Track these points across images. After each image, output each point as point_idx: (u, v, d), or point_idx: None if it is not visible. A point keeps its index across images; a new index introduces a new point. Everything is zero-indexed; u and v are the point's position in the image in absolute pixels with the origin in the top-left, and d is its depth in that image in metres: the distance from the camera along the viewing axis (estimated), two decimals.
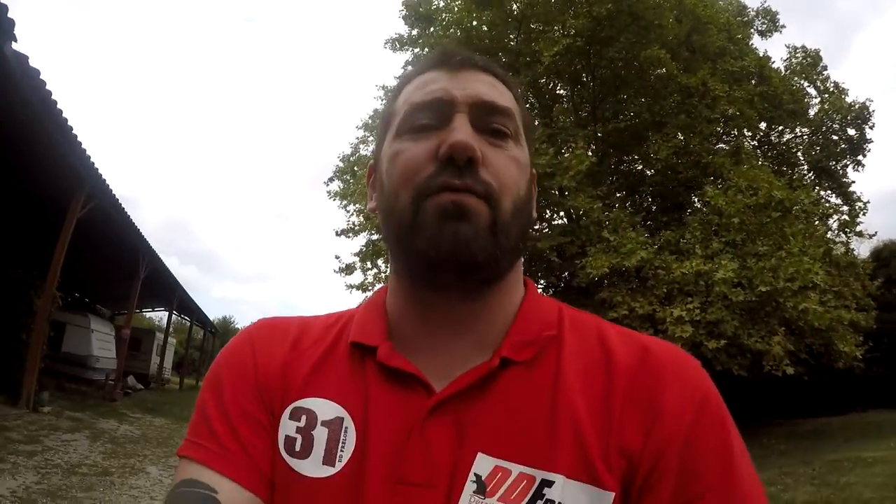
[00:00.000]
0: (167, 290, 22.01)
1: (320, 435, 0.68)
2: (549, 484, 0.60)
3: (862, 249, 20.81)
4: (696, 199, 13.48)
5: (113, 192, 11.51)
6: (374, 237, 15.92)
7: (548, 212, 15.84)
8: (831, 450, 12.92)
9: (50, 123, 8.24)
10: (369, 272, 16.64)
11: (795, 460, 11.07)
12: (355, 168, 17.30)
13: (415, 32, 17.66)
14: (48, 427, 9.51)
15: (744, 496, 0.60)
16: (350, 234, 16.77)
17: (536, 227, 15.45)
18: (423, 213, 0.66)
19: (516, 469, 0.61)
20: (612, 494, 0.59)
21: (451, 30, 16.34)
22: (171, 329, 28.59)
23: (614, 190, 15.58)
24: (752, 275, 11.32)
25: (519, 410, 0.65)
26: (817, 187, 17.34)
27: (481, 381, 0.66)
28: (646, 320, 11.54)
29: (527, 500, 0.60)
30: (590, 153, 14.66)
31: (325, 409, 0.69)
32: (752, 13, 18.72)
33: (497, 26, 15.75)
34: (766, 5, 18.79)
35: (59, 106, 8.06)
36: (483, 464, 0.62)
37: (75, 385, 16.20)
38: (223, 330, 58.73)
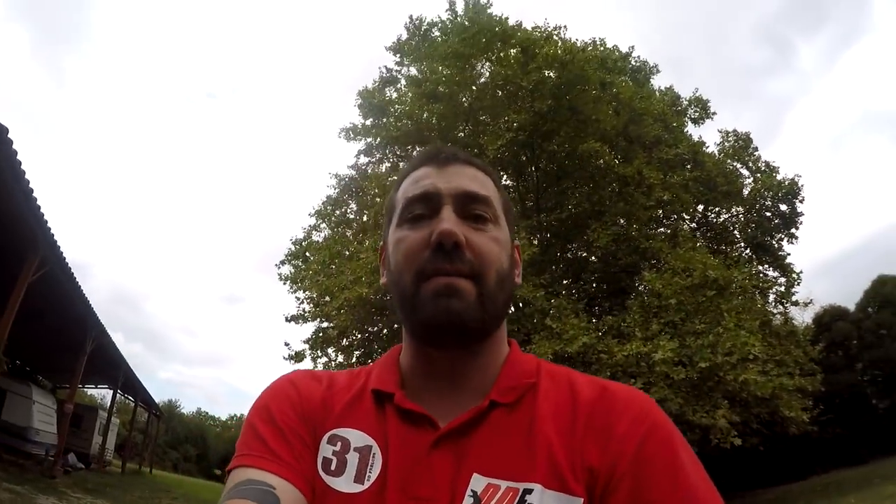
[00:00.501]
0: (112, 367, 21.13)
1: (353, 458, 0.82)
2: (530, 492, 0.74)
3: (805, 316, 21.77)
4: (636, 283, 14.02)
5: (66, 260, 11.35)
6: (325, 325, 15.85)
7: None
8: None
9: (13, 183, 8.19)
10: (319, 360, 16.44)
11: None
12: (307, 253, 17.35)
13: (368, 122, 18.34)
14: None
15: (697, 501, 0.72)
16: (300, 321, 16.52)
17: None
18: (422, 293, 0.82)
19: (504, 484, 0.76)
20: (581, 500, 0.73)
21: (403, 121, 17.01)
22: (114, 408, 27.43)
23: (559, 277, 16.06)
24: (691, 352, 11.77)
25: (504, 440, 0.80)
26: (755, 262, 18.10)
27: (474, 420, 0.81)
28: None
29: None
30: (535, 242, 15.30)
31: (357, 437, 0.84)
32: (686, 102, 19.80)
33: (447, 118, 16.40)
34: (698, 94, 19.92)
35: (23, 167, 8.06)
36: (478, 482, 0.76)
37: (13, 457, 15.51)
38: (168, 414, 56.25)
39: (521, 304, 13.72)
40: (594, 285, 17.27)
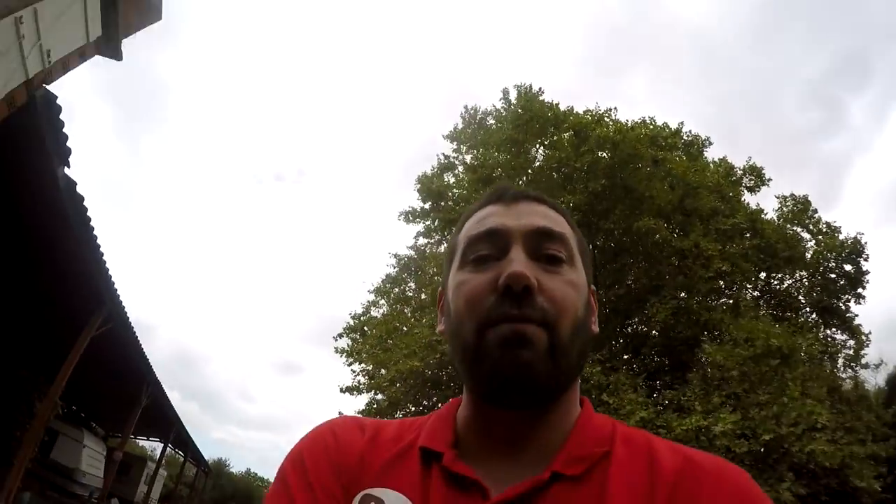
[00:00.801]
0: (165, 422, 21.66)
1: None
2: None
3: (878, 379, 21.15)
4: (697, 356, 14.01)
5: (129, 320, 11.90)
6: (378, 397, 16.09)
7: None
8: None
9: (84, 245, 8.78)
10: None
11: None
12: (365, 328, 17.74)
13: (427, 206, 19.18)
14: None
15: None
16: (354, 392, 16.67)
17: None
18: (486, 343, 0.72)
19: None
20: None
21: (461, 204, 17.58)
22: (163, 460, 27.76)
23: (618, 353, 16.14)
24: (755, 424, 11.69)
25: None
26: (822, 326, 17.85)
27: (532, 493, 0.69)
28: None
29: None
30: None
31: (395, 500, 0.73)
32: (740, 171, 19.80)
33: None
34: (752, 162, 19.94)
35: (94, 232, 8.69)
36: None
37: (58, 495, 16.16)
38: (217, 471, 56.31)
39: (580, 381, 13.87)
40: (655, 360, 17.22)
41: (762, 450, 11.86)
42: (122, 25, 8.45)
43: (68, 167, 7.23)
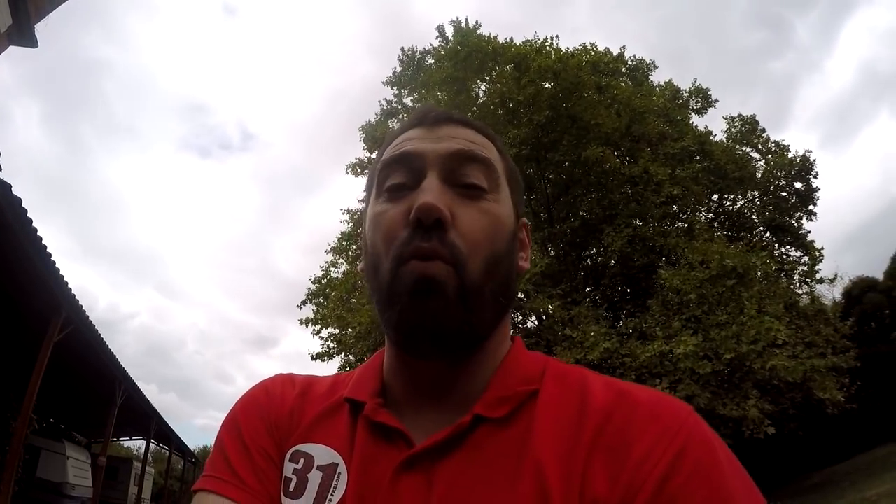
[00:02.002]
0: (144, 418, 21.23)
1: (314, 478, 0.71)
2: None
3: (835, 293, 21.55)
4: (655, 282, 14.09)
5: (89, 318, 11.49)
6: (350, 358, 15.92)
7: (519, 316, 16.38)
8: (836, 497, 13.19)
9: (30, 249, 8.39)
10: None
11: None
12: (327, 290, 17.51)
13: (373, 155, 18.41)
14: None
15: None
16: (325, 358, 16.56)
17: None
18: (398, 282, 0.67)
19: None
20: None
21: None
22: (149, 458, 27.41)
23: (578, 286, 16.07)
24: (716, 345, 11.74)
25: (486, 466, 0.65)
26: (776, 244, 18.07)
27: (454, 439, 0.67)
28: None
29: None
30: (551, 253, 15.46)
31: (323, 454, 0.73)
32: (686, 94, 19.85)
33: None
34: (697, 84, 19.99)
35: (38, 233, 8.30)
36: None
37: None
38: (204, 459, 55.89)
39: (543, 317, 13.81)
40: (615, 290, 17.28)
41: (726, 370, 11.92)
42: (32, 10, 7.82)
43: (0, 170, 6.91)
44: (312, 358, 16.73)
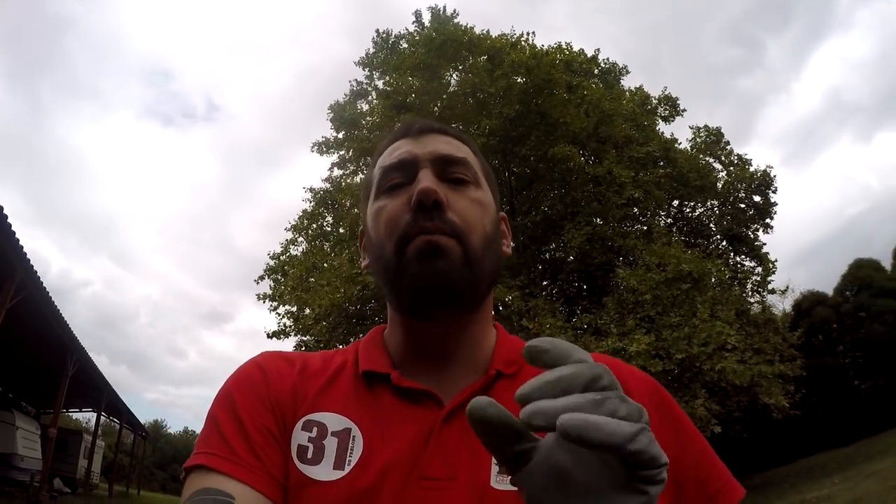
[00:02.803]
0: (95, 390, 20.83)
1: (331, 444, 0.76)
2: None
3: (786, 304, 22.11)
4: (612, 281, 14.24)
5: (43, 284, 11.26)
6: (306, 338, 15.76)
7: None
8: (777, 497, 13.53)
9: None
10: None
11: None
12: (286, 267, 17.38)
13: (341, 135, 18.65)
14: None
15: (696, 445, 0.80)
16: (281, 336, 16.45)
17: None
18: (405, 258, 0.77)
19: None
20: None
21: (375, 132, 17.21)
22: (99, 431, 26.74)
23: (536, 279, 16.21)
24: (668, 345, 12.00)
25: (516, 407, 0.64)
26: (732, 253, 18.41)
27: (481, 391, 0.77)
28: None
29: None
30: (512, 244, 15.49)
31: (334, 421, 0.78)
32: (655, 101, 20.01)
33: None
34: (667, 92, 20.14)
35: None
36: None
37: None
38: (154, 434, 55.49)
39: (499, 307, 13.88)
40: (573, 285, 17.43)
41: (676, 369, 12.16)
42: None
43: None
44: (268, 336, 16.49)
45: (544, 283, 16.96)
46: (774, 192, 18.68)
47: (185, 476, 0.75)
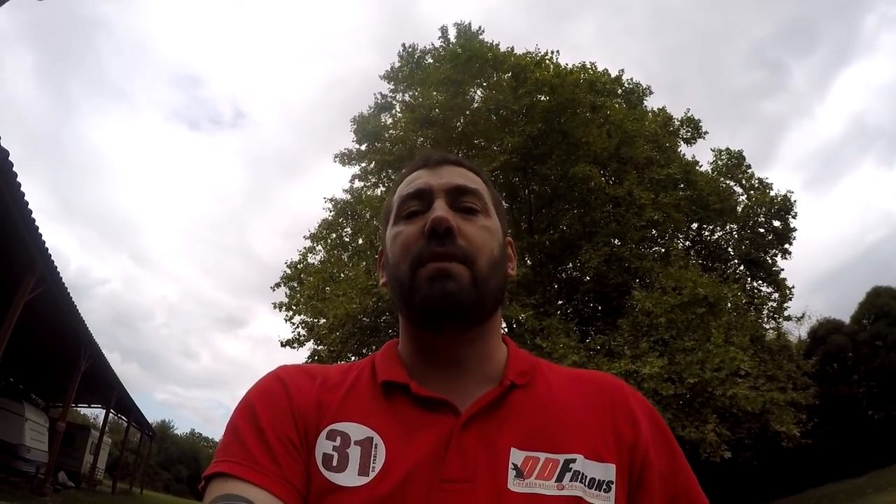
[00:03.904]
0: (106, 387, 21.11)
1: (354, 452, 0.81)
2: (573, 461, 0.80)
3: (801, 331, 21.97)
4: (627, 303, 14.11)
5: (62, 279, 11.42)
6: (319, 347, 15.79)
7: None
8: None
9: (10, 203, 8.32)
10: None
11: None
12: (302, 276, 17.43)
13: (363, 147, 18.79)
14: None
15: (684, 470, 0.89)
16: (295, 345, 16.54)
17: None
18: (417, 279, 0.85)
19: (542, 456, 0.80)
20: (614, 466, 0.82)
21: (398, 145, 17.40)
22: (107, 428, 27.14)
23: (551, 298, 16.23)
24: (680, 369, 11.95)
25: (532, 416, 0.85)
26: (749, 278, 18.26)
27: (496, 400, 0.85)
28: None
29: (557, 474, 0.79)
30: (528, 263, 15.58)
31: (357, 431, 0.83)
32: (678, 123, 20.00)
33: (440, 143, 16.66)
34: (689, 114, 20.12)
35: (21, 188, 8.22)
36: (516, 456, 0.80)
37: (3, 474, 15.65)
38: (161, 434, 56.00)
39: (513, 325, 13.89)
40: (587, 305, 17.38)
41: (688, 394, 12.07)
42: None
43: None
44: (282, 344, 16.58)
45: (559, 302, 16.95)
46: (794, 217, 18.56)
47: (206, 485, 0.78)
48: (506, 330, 15.50)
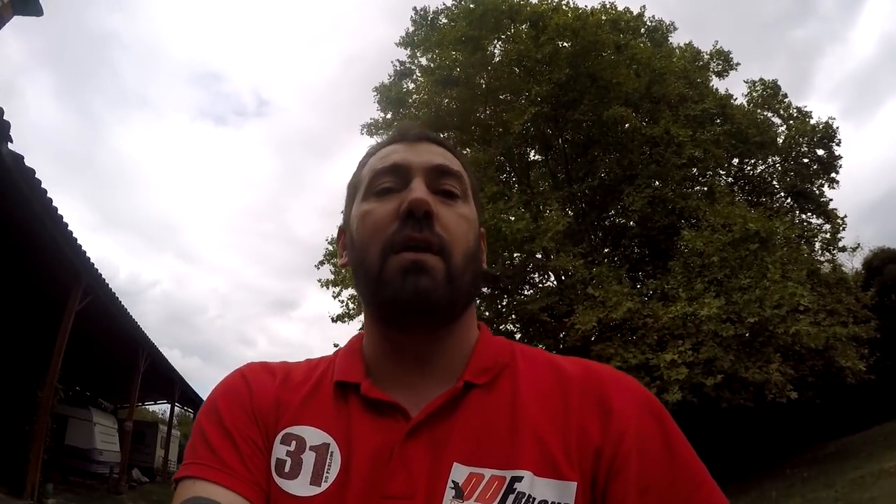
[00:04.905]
0: (168, 383, 22.11)
1: (308, 458, 0.75)
2: (519, 479, 0.70)
3: (855, 262, 21.17)
4: (677, 244, 13.90)
5: (108, 285, 11.77)
6: None
7: (536, 276, 16.25)
8: (854, 467, 12.88)
9: (45, 219, 8.53)
10: None
11: (819, 484, 11.02)
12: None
13: (388, 116, 18.44)
14: None
15: (691, 476, 0.72)
16: (346, 319, 16.56)
17: (528, 292, 15.83)
18: (388, 268, 0.76)
19: (488, 472, 0.71)
20: (575, 484, 0.70)
21: (423, 110, 17.14)
22: (174, 421, 28.33)
23: (598, 246, 15.92)
24: (739, 308, 11.57)
25: (484, 424, 0.75)
26: (797, 211, 17.74)
27: (449, 404, 0.76)
28: (640, 369, 11.53)
29: (500, 496, 0.69)
30: (570, 213, 15.21)
31: (313, 435, 0.77)
32: (707, 56, 19.39)
33: (465, 102, 16.46)
34: (718, 47, 19.47)
35: (53, 203, 8.42)
36: (458, 472, 0.71)
37: (79, 478, 16.21)
38: None
39: (562, 276, 13.59)
40: (636, 250, 17.09)
41: (748, 334, 11.67)
42: None
43: (10, 142, 7.03)
44: (333, 320, 16.69)
45: (606, 250, 16.62)
46: (838, 144, 17.87)
47: (175, 486, 0.75)
48: (553, 284, 15.20)
